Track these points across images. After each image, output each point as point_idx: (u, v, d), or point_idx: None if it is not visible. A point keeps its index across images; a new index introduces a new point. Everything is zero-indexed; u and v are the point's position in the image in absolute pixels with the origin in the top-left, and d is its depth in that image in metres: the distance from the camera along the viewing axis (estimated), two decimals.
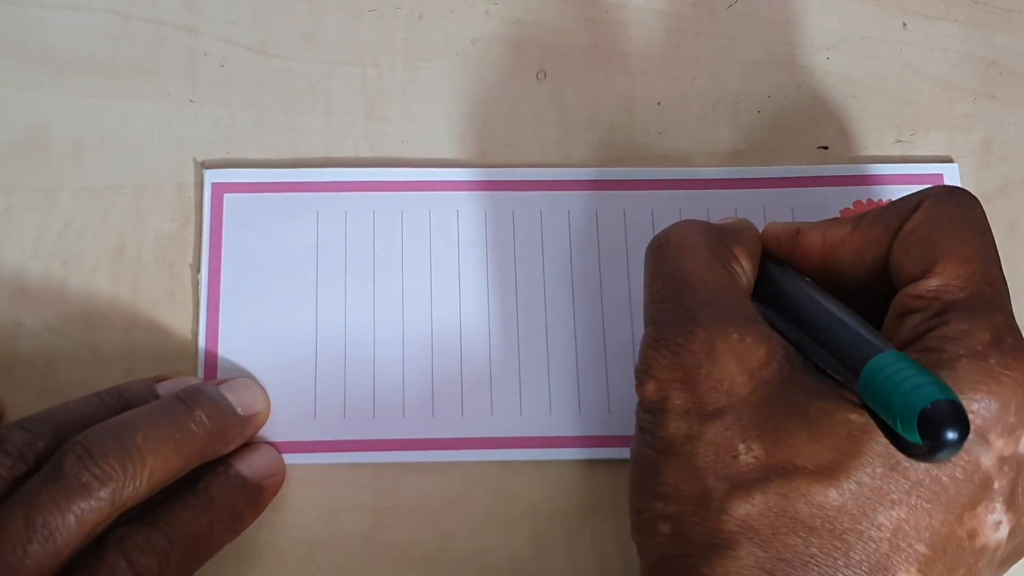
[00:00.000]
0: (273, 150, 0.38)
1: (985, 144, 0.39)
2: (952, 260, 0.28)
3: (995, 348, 0.26)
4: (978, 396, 0.26)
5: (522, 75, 0.39)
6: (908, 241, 0.29)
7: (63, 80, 0.39)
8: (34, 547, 0.27)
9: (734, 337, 0.28)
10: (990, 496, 0.26)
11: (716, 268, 0.30)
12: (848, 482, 0.25)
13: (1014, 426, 0.26)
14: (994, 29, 0.41)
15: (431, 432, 0.35)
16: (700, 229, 0.31)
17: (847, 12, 0.41)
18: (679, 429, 0.27)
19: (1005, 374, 0.26)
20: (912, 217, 0.29)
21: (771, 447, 0.26)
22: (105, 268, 0.37)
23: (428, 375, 0.36)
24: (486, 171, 0.38)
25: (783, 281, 0.31)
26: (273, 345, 0.36)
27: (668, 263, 0.30)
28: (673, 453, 0.27)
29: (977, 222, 0.29)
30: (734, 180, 0.38)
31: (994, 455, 0.26)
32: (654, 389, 0.28)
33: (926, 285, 0.28)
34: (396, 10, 0.40)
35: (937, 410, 0.23)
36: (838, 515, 0.25)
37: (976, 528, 0.26)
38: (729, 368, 0.27)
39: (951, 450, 0.23)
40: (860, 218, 0.31)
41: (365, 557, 0.34)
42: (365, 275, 0.37)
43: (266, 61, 0.39)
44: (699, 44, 0.40)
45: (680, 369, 0.28)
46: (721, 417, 0.27)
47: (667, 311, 0.29)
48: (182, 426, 0.31)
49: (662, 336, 0.28)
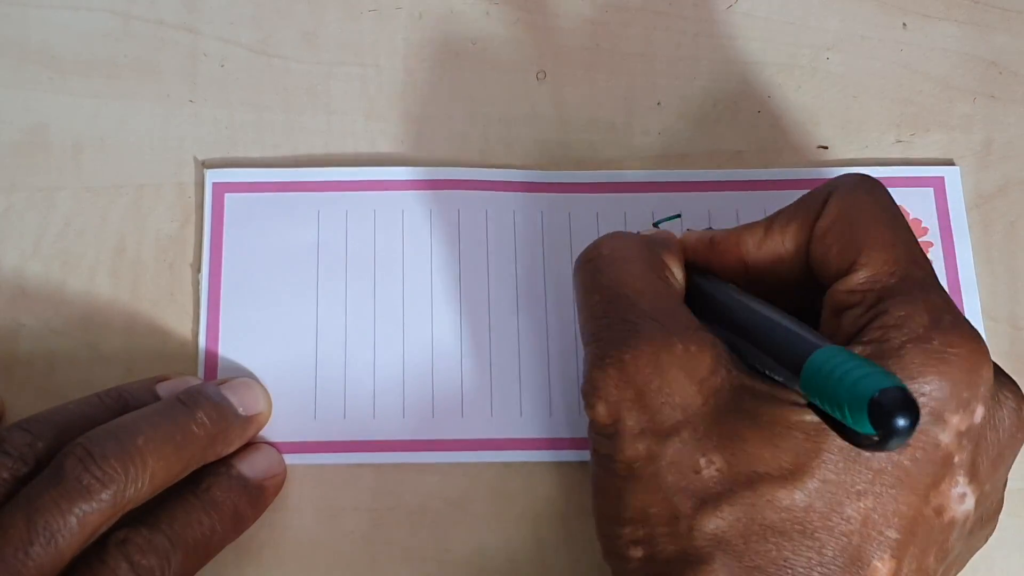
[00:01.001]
0: (273, 150, 0.38)
1: (985, 144, 0.39)
2: (875, 248, 0.28)
3: (936, 328, 0.26)
4: (928, 379, 0.26)
5: (522, 75, 0.39)
6: (826, 238, 0.29)
7: (63, 80, 0.39)
8: (36, 549, 0.27)
9: (679, 348, 0.27)
10: (952, 471, 0.26)
11: (652, 278, 0.29)
12: (812, 481, 0.25)
13: (967, 400, 0.26)
14: (994, 29, 0.41)
15: (431, 433, 0.35)
16: (631, 241, 0.31)
17: (847, 12, 0.41)
18: (637, 451, 0.27)
19: (950, 352, 0.26)
20: (823, 213, 0.29)
21: (731, 458, 0.26)
22: (105, 268, 0.37)
23: (428, 376, 0.36)
24: (486, 171, 0.38)
25: (710, 288, 0.31)
26: (273, 345, 0.36)
27: (603, 276, 0.30)
28: (635, 477, 0.27)
29: (888, 205, 0.29)
30: (735, 182, 0.38)
31: (951, 432, 0.26)
32: (605, 411, 0.28)
33: (856, 279, 0.28)
34: (396, 10, 0.40)
35: (885, 398, 0.23)
36: (807, 515, 0.25)
37: (942, 504, 0.26)
38: (679, 381, 0.27)
39: (903, 437, 0.23)
40: (772, 220, 0.30)
41: (365, 557, 0.34)
42: (366, 275, 0.37)
43: (266, 61, 0.39)
44: (699, 44, 0.40)
45: (629, 387, 0.27)
46: (678, 433, 0.27)
47: (608, 327, 0.28)
48: (183, 427, 0.31)
49: (606, 354, 0.28)
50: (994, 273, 0.37)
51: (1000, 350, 0.36)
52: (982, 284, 0.37)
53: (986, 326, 0.37)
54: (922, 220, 0.38)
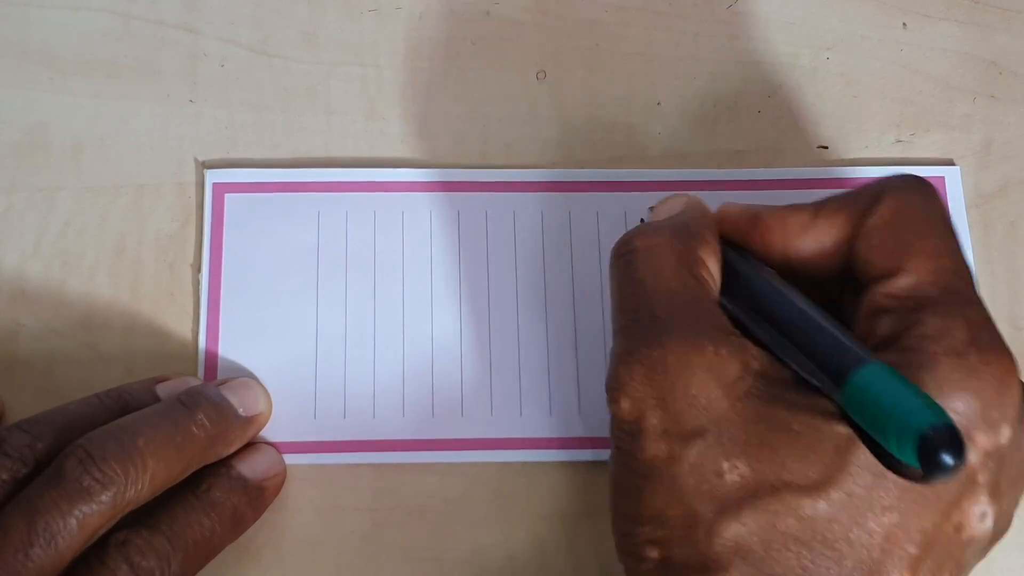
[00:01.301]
0: (273, 150, 0.38)
1: (985, 144, 0.39)
2: (922, 256, 0.28)
3: (973, 344, 0.26)
4: (961, 395, 0.25)
5: (522, 75, 0.39)
6: (874, 237, 0.28)
7: (63, 80, 0.39)
8: (36, 550, 0.27)
9: (709, 350, 0.27)
10: (975, 490, 0.26)
11: (685, 276, 0.29)
12: (837, 493, 0.25)
13: (996, 420, 0.26)
14: (994, 29, 0.41)
15: (431, 433, 0.35)
16: (666, 234, 0.30)
17: (847, 12, 0.41)
18: (659, 451, 0.27)
19: (984, 370, 0.26)
20: (875, 210, 0.29)
21: (757, 464, 0.26)
22: (105, 268, 0.37)
23: (428, 376, 0.36)
24: (486, 172, 0.38)
25: (749, 275, 0.30)
26: (273, 345, 0.36)
27: (636, 271, 0.29)
28: (655, 476, 0.27)
29: (941, 213, 0.29)
30: (735, 182, 0.38)
31: (978, 450, 0.26)
32: (629, 407, 0.27)
33: (898, 284, 0.27)
34: (396, 10, 0.40)
35: (936, 436, 0.23)
36: (829, 526, 0.25)
37: (962, 522, 0.26)
38: (705, 383, 0.27)
39: (948, 475, 0.23)
40: (821, 206, 0.30)
41: (365, 557, 0.34)
42: (365, 275, 0.37)
43: (266, 61, 0.39)
44: (699, 44, 0.40)
45: (654, 386, 0.27)
46: (702, 436, 0.26)
47: (637, 322, 0.28)
48: (183, 429, 0.31)
49: (634, 350, 0.27)
50: (994, 273, 0.37)
51: None
52: (982, 284, 0.37)
53: None
54: None
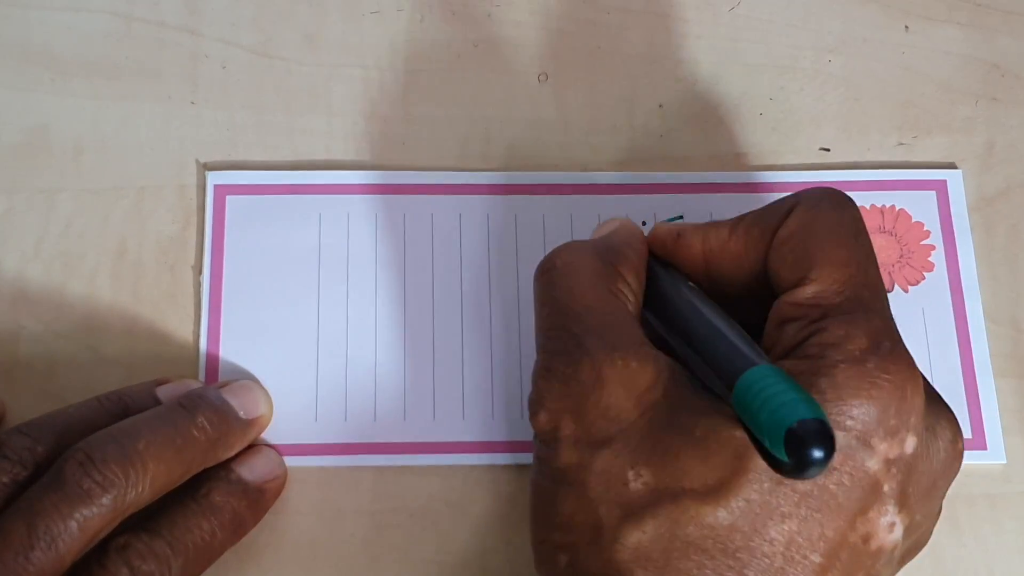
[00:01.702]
0: (274, 152, 0.38)
1: (987, 147, 0.39)
2: (828, 265, 0.28)
3: (873, 352, 0.26)
4: (858, 401, 0.26)
5: (523, 77, 0.39)
6: (783, 248, 0.29)
7: (64, 81, 0.39)
8: (36, 554, 0.27)
9: (620, 363, 0.28)
10: (881, 499, 0.26)
11: (602, 292, 0.30)
12: (737, 500, 0.25)
13: (896, 428, 0.26)
14: (996, 32, 0.41)
15: (432, 435, 0.35)
16: (585, 251, 0.31)
17: (849, 15, 0.41)
18: (571, 459, 0.27)
19: (883, 378, 0.26)
20: (786, 222, 0.29)
21: (660, 471, 0.26)
22: (106, 270, 0.37)
23: (430, 378, 0.36)
24: (488, 174, 0.38)
25: (668, 290, 0.31)
26: (274, 347, 0.36)
27: (555, 289, 0.30)
28: (567, 483, 0.27)
29: (851, 224, 0.29)
30: (736, 184, 0.38)
31: (879, 459, 0.26)
32: (546, 419, 0.28)
33: (803, 293, 0.28)
34: (398, 12, 0.40)
35: (803, 429, 0.23)
36: (729, 534, 0.25)
37: (870, 532, 0.26)
38: (616, 395, 0.27)
39: (817, 468, 0.23)
40: (737, 222, 0.31)
41: (366, 560, 0.34)
42: (367, 277, 0.37)
43: (267, 63, 0.39)
44: (701, 47, 0.40)
45: (569, 399, 0.28)
46: (610, 445, 0.27)
47: (555, 339, 0.29)
48: (184, 432, 0.31)
49: (552, 366, 0.28)
50: (996, 276, 0.37)
51: (1002, 353, 0.36)
52: (984, 287, 0.37)
53: (988, 329, 0.36)
54: (924, 223, 0.38)
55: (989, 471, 0.35)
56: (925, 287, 0.37)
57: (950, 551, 0.34)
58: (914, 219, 0.38)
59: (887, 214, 0.38)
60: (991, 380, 0.36)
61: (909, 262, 0.37)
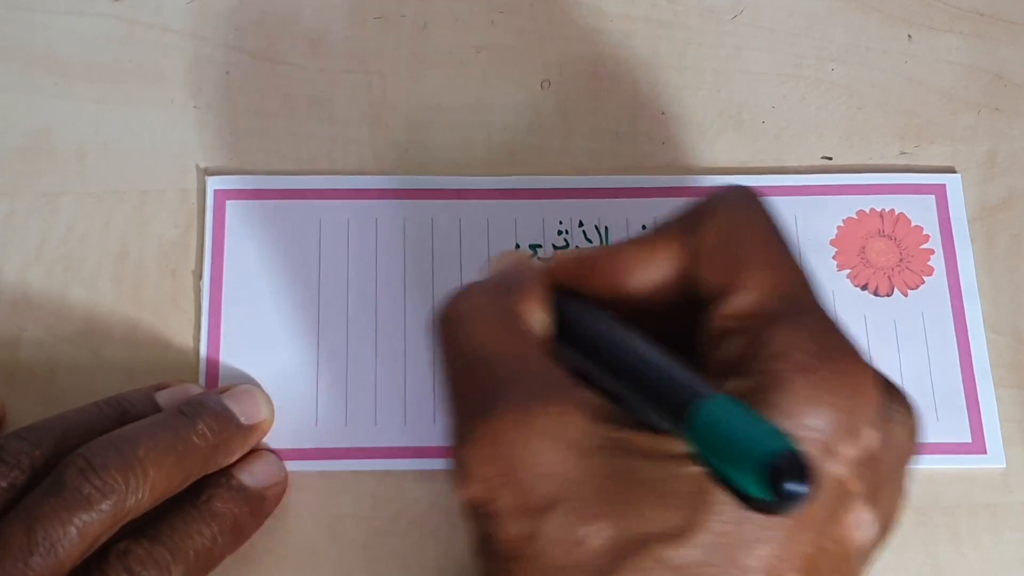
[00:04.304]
0: (277, 157, 0.38)
1: (989, 156, 0.39)
2: (759, 269, 0.26)
3: (821, 356, 0.25)
4: (816, 411, 0.24)
5: (526, 84, 0.39)
6: (706, 256, 0.27)
7: (67, 85, 0.39)
8: (36, 560, 0.27)
9: (545, 412, 0.25)
10: (850, 502, 0.25)
11: (507, 336, 0.27)
12: (705, 535, 0.24)
13: (857, 428, 0.25)
14: (999, 42, 0.41)
15: (433, 440, 0.35)
16: (483, 294, 0.28)
17: (852, 24, 0.41)
18: (517, 530, 0.25)
19: (836, 380, 0.25)
20: (707, 229, 0.27)
21: (619, 521, 0.24)
22: (107, 274, 0.37)
23: (430, 382, 0.36)
24: (489, 179, 0.38)
25: (584, 322, 0.28)
26: (274, 352, 0.36)
27: (457, 341, 0.27)
28: (519, 558, 0.25)
29: (771, 222, 0.28)
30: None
31: (844, 462, 0.25)
32: (477, 490, 0.25)
33: (739, 303, 0.26)
34: (401, 18, 0.40)
35: (782, 464, 0.21)
36: (704, 570, 0.24)
37: (843, 535, 0.25)
38: (550, 448, 0.25)
39: (801, 503, 0.21)
40: (652, 236, 0.28)
41: (366, 565, 0.34)
42: (367, 282, 0.37)
43: (271, 68, 0.39)
44: (703, 54, 0.40)
45: (498, 463, 0.25)
46: (557, 506, 0.24)
47: (468, 398, 0.26)
48: (184, 438, 0.31)
49: (469, 428, 0.25)
50: (997, 286, 0.37)
51: (1003, 363, 0.36)
52: (985, 297, 0.37)
53: (989, 339, 0.36)
54: (924, 227, 0.38)
55: (990, 480, 0.35)
56: (925, 291, 0.37)
57: (950, 561, 0.34)
58: (913, 223, 0.38)
59: (887, 218, 0.38)
60: (990, 382, 0.36)
61: (909, 266, 0.37)
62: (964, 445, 0.35)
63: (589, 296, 0.29)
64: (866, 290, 0.37)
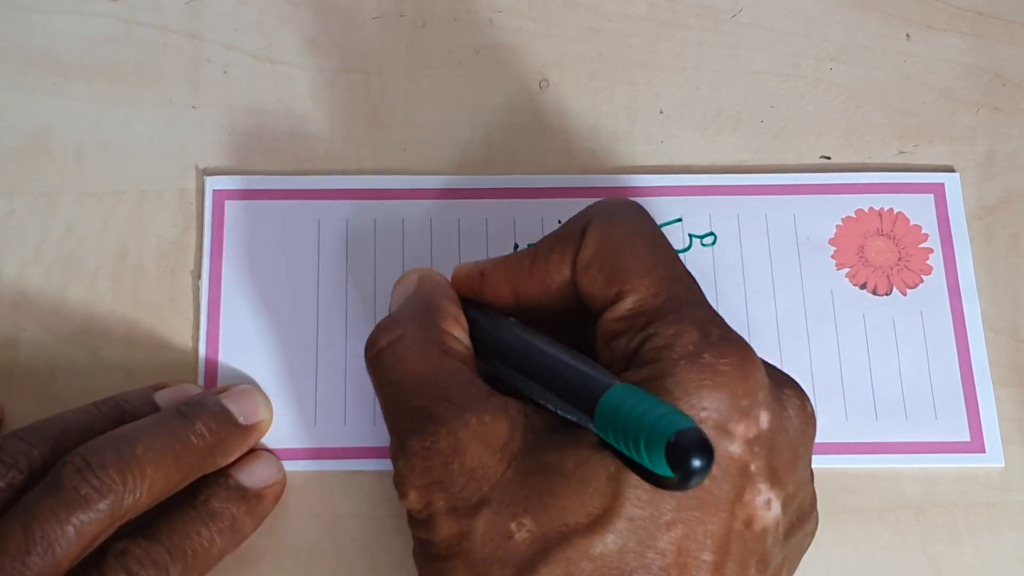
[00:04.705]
0: (275, 157, 0.38)
1: (988, 156, 0.39)
2: (637, 275, 0.28)
3: (705, 343, 0.27)
4: (706, 394, 0.26)
5: (525, 83, 0.39)
6: (589, 270, 0.29)
7: (66, 85, 0.39)
8: (33, 559, 0.27)
9: (473, 421, 0.27)
10: (751, 480, 0.26)
11: (433, 357, 0.30)
12: (620, 522, 0.25)
13: (748, 408, 0.26)
14: (998, 41, 0.41)
15: None
16: (404, 321, 0.31)
17: (851, 23, 0.41)
18: (450, 530, 0.27)
19: (722, 363, 0.26)
20: (584, 244, 0.30)
21: (540, 515, 0.26)
22: (106, 274, 0.37)
23: None
24: (488, 179, 0.38)
25: (492, 331, 0.31)
26: (273, 352, 0.36)
27: (387, 370, 0.30)
28: (452, 555, 0.27)
29: (645, 228, 0.30)
30: (736, 187, 0.38)
31: (740, 442, 0.26)
32: (415, 498, 0.28)
33: (623, 307, 0.28)
34: (399, 18, 0.40)
35: (681, 440, 0.23)
36: (622, 558, 0.25)
37: (751, 515, 0.26)
38: (477, 454, 0.27)
39: (700, 476, 0.23)
40: (536, 251, 0.31)
41: (365, 565, 0.34)
42: (366, 282, 0.37)
43: (269, 68, 0.39)
44: (702, 54, 0.40)
45: (433, 471, 0.27)
46: (486, 504, 0.27)
47: (404, 418, 0.29)
48: (182, 438, 0.31)
49: (406, 446, 0.28)
50: (996, 285, 0.37)
51: (1002, 362, 0.36)
52: (984, 296, 0.37)
53: (987, 338, 0.36)
54: (923, 226, 0.38)
55: (989, 479, 0.35)
56: (923, 290, 0.37)
57: (949, 560, 0.34)
58: (912, 222, 0.38)
59: (885, 217, 0.38)
60: (989, 381, 0.36)
61: (907, 265, 0.37)
62: (963, 444, 0.35)
63: (493, 304, 0.32)
64: (865, 289, 0.37)
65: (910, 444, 0.35)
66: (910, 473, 0.35)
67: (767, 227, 0.38)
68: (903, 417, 0.36)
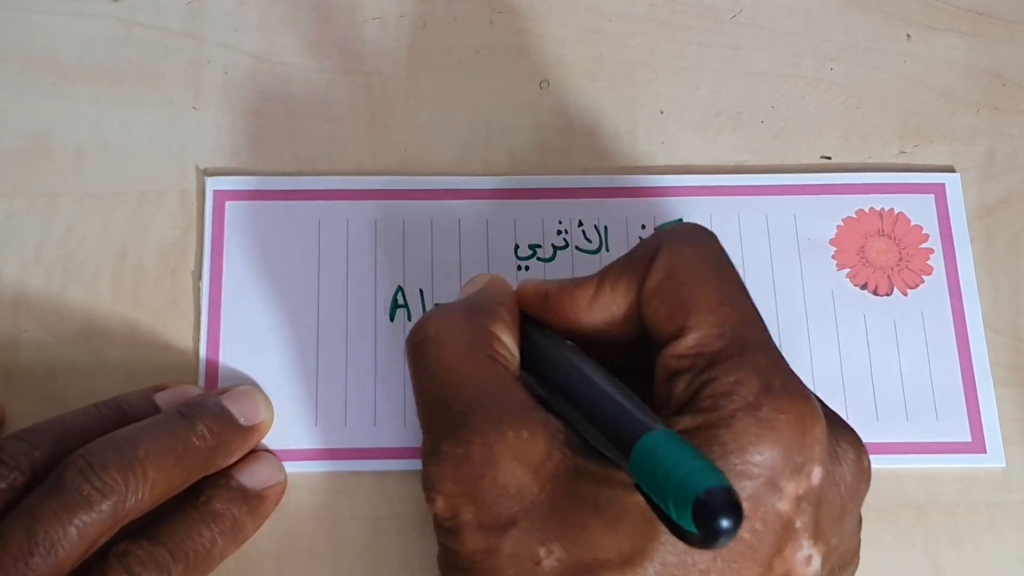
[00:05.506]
0: (275, 158, 0.38)
1: (988, 155, 0.39)
2: (703, 310, 0.27)
3: (766, 394, 0.26)
4: (760, 448, 0.25)
5: (525, 84, 0.39)
6: (655, 300, 0.28)
7: (66, 86, 0.39)
8: (35, 560, 0.27)
9: (510, 435, 0.26)
10: (795, 536, 0.26)
11: (478, 360, 0.28)
12: (652, 565, 0.25)
13: (801, 464, 0.26)
14: (998, 41, 0.41)
15: None
16: (456, 316, 0.30)
17: (851, 23, 0.41)
18: (477, 544, 0.26)
19: (780, 418, 0.25)
20: (652, 271, 0.28)
21: (571, 546, 0.25)
22: (107, 275, 0.37)
23: None
24: (488, 180, 0.38)
25: (545, 350, 0.30)
26: (274, 353, 0.36)
27: (430, 362, 0.29)
28: (476, 570, 0.26)
29: (716, 259, 0.29)
30: (737, 187, 0.38)
31: (788, 498, 0.25)
32: (444, 505, 0.27)
33: (684, 344, 0.27)
34: (400, 18, 0.40)
35: (710, 499, 0.22)
36: None
37: (788, 570, 0.26)
38: (512, 470, 0.26)
39: (727, 538, 0.22)
40: (603, 277, 0.30)
41: (366, 565, 0.34)
42: (366, 283, 0.37)
43: (269, 69, 0.39)
44: (702, 54, 0.40)
45: (464, 481, 0.26)
46: (516, 524, 0.26)
47: (438, 418, 0.28)
48: (184, 439, 0.31)
49: (439, 449, 0.27)
50: (997, 285, 0.37)
51: (1003, 363, 0.36)
52: (985, 296, 0.37)
53: (988, 338, 0.36)
54: (923, 227, 0.38)
55: (990, 479, 0.35)
56: (924, 290, 0.37)
57: (950, 560, 0.34)
58: (913, 222, 0.38)
59: (886, 217, 0.38)
60: (990, 382, 0.36)
61: (908, 265, 0.37)
62: (964, 444, 0.35)
63: (552, 324, 0.30)
64: (865, 289, 0.37)
65: (911, 444, 0.35)
66: (911, 473, 0.35)
67: (768, 227, 0.38)
68: (904, 417, 0.36)
